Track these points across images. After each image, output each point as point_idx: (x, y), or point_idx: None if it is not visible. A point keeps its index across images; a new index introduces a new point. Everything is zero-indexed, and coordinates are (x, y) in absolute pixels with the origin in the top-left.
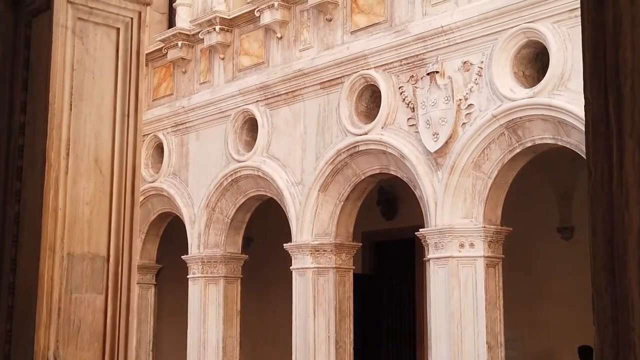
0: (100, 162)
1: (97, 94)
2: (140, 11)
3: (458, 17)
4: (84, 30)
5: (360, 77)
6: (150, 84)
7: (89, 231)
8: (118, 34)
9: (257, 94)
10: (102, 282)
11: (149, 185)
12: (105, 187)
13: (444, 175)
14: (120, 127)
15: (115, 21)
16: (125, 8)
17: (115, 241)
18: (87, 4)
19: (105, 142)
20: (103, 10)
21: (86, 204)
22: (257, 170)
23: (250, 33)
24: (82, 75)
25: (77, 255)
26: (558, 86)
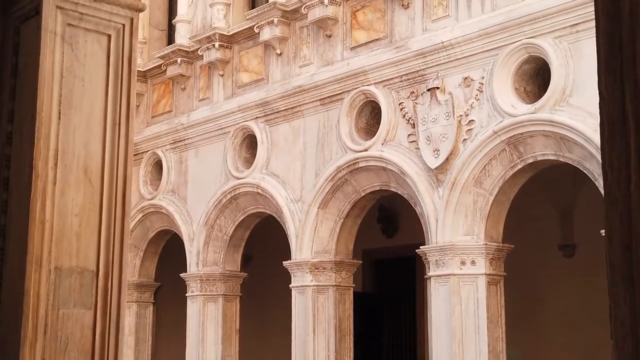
0: (90, 172)
1: (86, 102)
2: (132, 17)
3: (458, 32)
4: (74, 36)
5: (360, 93)
6: (149, 100)
7: (78, 244)
8: (109, 40)
9: (256, 111)
10: (90, 297)
11: (147, 202)
12: (94, 199)
13: (445, 192)
14: (111, 137)
15: (107, 27)
16: (117, 14)
17: (104, 255)
18: (77, 9)
19: (95, 152)
20: (94, 16)
21: (75, 215)
22: (256, 187)
23: (250, 49)
24: (72, 83)
25: (65, 269)
26: (560, 102)
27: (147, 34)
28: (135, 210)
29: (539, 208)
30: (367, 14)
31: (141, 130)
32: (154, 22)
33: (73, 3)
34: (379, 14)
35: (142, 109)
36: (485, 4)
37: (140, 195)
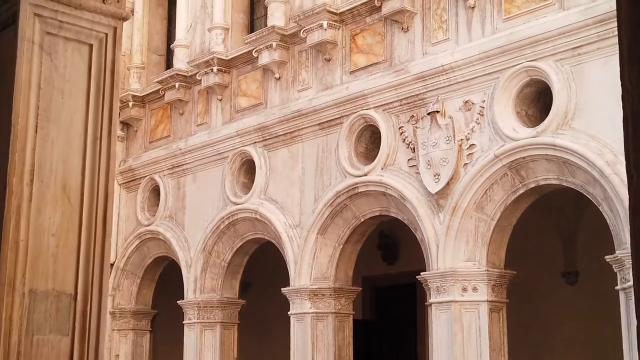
0: (69, 189)
1: (66, 115)
2: (115, 26)
3: (458, 56)
4: (53, 45)
5: (360, 118)
6: (147, 126)
7: (55, 266)
8: (91, 50)
9: (254, 135)
10: (68, 322)
11: (144, 228)
12: (73, 217)
13: (446, 217)
14: (92, 152)
15: (88, 37)
16: (99, 23)
17: (83, 277)
18: (57, 17)
19: (74, 168)
20: (74, 25)
21: (52, 235)
22: (254, 213)
23: (248, 74)
24: (50, 95)
25: (41, 293)
26: (562, 125)
27: (145, 59)
28: (132, 237)
29: (540, 234)
30: (366, 38)
31: (139, 156)
32: (153, 47)
33: (52, 11)
34: (378, 38)
35: (140, 134)
36: (486, 27)
37: (137, 221)
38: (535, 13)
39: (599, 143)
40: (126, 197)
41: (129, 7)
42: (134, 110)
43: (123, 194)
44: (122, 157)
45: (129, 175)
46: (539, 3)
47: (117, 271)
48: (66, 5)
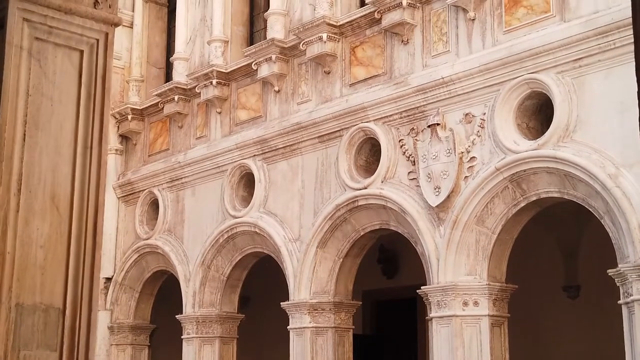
0: (58, 199)
1: (55, 122)
2: (107, 32)
3: (459, 68)
4: (43, 51)
5: (360, 130)
6: (146, 139)
7: (42, 278)
8: (81, 56)
9: (254, 148)
10: (56, 337)
11: (143, 242)
12: (62, 228)
13: (446, 231)
14: (82, 161)
15: (79, 43)
16: (90, 28)
17: (72, 291)
18: (47, 22)
19: (63, 178)
20: (65, 30)
21: (40, 247)
22: (253, 227)
23: (248, 87)
24: (39, 102)
25: (28, 307)
26: (563, 138)
27: (144, 72)
28: (130, 251)
29: (541, 248)
30: (366, 50)
31: (138, 169)
32: (152, 60)
33: (42, 15)
34: (378, 50)
35: (138, 147)
36: (486, 39)
37: (136, 235)
38: (536, 25)
39: (601, 156)
40: (125, 210)
41: (128, 20)
42: (132, 123)
43: (122, 207)
44: (121, 170)
45: (128, 189)
46: (539, 15)
47: (116, 285)
48: (56, 10)
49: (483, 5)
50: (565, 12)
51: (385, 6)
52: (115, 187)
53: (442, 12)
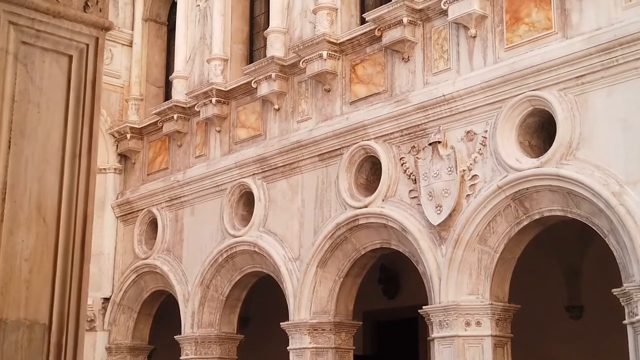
0: (44, 210)
1: (42, 130)
2: (97, 37)
3: (460, 85)
4: (29, 56)
5: (360, 148)
6: (145, 158)
7: (27, 293)
8: (70, 62)
9: (253, 167)
10: (41, 355)
11: (141, 262)
12: (49, 241)
13: (448, 250)
14: (70, 170)
15: (68, 47)
16: (80, 32)
17: (59, 306)
18: (34, 26)
19: (50, 187)
20: (53, 34)
21: (25, 260)
22: (253, 246)
23: (247, 105)
24: (25, 108)
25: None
26: (566, 156)
27: (143, 91)
28: (129, 271)
29: (543, 268)
30: (366, 68)
31: (136, 188)
32: (151, 78)
33: (29, 19)
34: (378, 68)
35: (137, 166)
36: (488, 57)
37: (134, 254)
38: (538, 42)
39: (605, 173)
40: (123, 230)
41: (128, 39)
42: (131, 142)
43: (120, 227)
44: (120, 189)
45: (127, 208)
46: (541, 32)
47: (114, 306)
48: (44, 14)
49: (484, 22)
50: (567, 29)
51: (386, 24)
52: (113, 206)
53: (442, 29)
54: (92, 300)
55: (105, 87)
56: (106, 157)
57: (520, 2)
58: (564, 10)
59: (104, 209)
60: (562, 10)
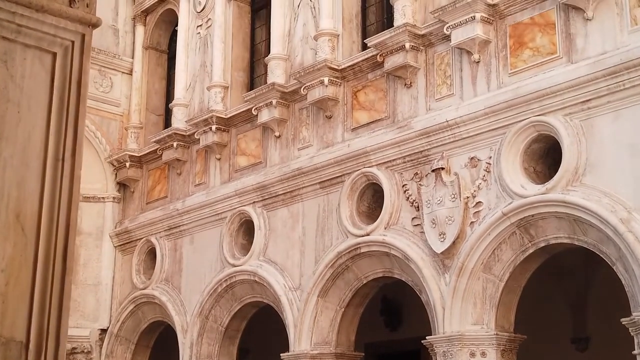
0: (23, 218)
1: (22, 131)
2: (83, 33)
3: (463, 111)
4: (10, 52)
5: (362, 176)
6: (144, 186)
7: (3, 307)
8: (54, 59)
9: (254, 195)
10: None
11: (140, 292)
12: (27, 251)
13: (452, 278)
14: (52, 175)
15: (52, 44)
16: (65, 29)
17: (37, 322)
18: (15, 20)
19: (30, 193)
20: (36, 30)
21: (1, 271)
22: (253, 275)
23: (248, 132)
24: (4, 108)
25: None
26: (572, 182)
27: (143, 119)
28: (126, 301)
29: (547, 298)
30: (368, 94)
31: (135, 217)
32: (151, 107)
33: (9, 12)
34: (380, 94)
35: (136, 195)
36: (491, 82)
37: (132, 284)
38: (542, 67)
39: (612, 200)
40: (122, 260)
41: (128, 67)
42: (130, 170)
43: (118, 256)
44: (118, 218)
45: (125, 237)
46: (545, 57)
47: (111, 337)
48: (26, 7)
49: (487, 47)
50: (572, 54)
51: (388, 49)
52: (112, 235)
53: (445, 54)
54: (89, 331)
55: (105, 115)
56: (105, 186)
57: (524, 27)
58: (569, 34)
59: (102, 238)
60: (567, 34)
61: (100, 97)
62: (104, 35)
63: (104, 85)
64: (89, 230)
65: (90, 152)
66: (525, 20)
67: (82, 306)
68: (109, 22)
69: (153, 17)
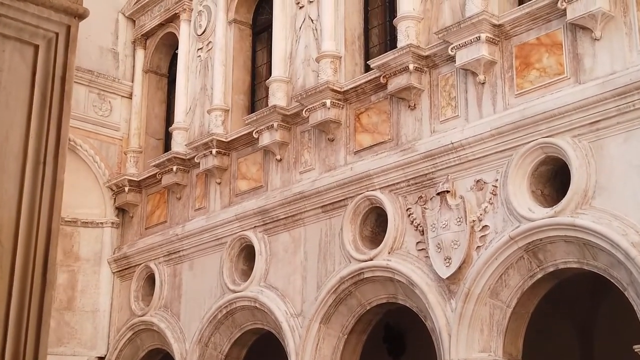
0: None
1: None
2: (69, 25)
3: (469, 133)
4: None
5: (365, 199)
6: (143, 211)
7: None
8: (36, 52)
9: (254, 219)
10: None
11: (138, 319)
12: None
13: (458, 304)
14: (32, 179)
15: (33, 36)
16: (48, 19)
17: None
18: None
19: (8, 199)
20: (16, 20)
21: None
22: (254, 301)
23: (249, 156)
24: None
25: None
26: (582, 205)
27: (142, 143)
28: (124, 328)
29: (553, 324)
30: (371, 117)
31: (134, 243)
32: (150, 131)
33: None
34: (384, 116)
35: (135, 220)
36: (497, 103)
37: (131, 311)
38: (550, 88)
39: (623, 223)
40: (120, 286)
41: (128, 91)
42: (129, 195)
43: (117, 283)
44: (117, 244)
45: (124, 263)
46: (553, 77)
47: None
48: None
49: (493, 68)
50: (580, 74)
51: (391, 71)
52: (110, 261)
53: (450, 76)
54: (86, 359)
55: (104, 139)
56: (103, 211)
57: (531, 48)
58: (577, 55)
59: (101, 264)
60: (575, 55)
61: (100, 121)
62: (103, 58)
63: (103, 109)
64: (87, 256)
65: (88, 177)
66: (532, 40)
67: (79, 333)
68: (109, 46)
69: (153, 41)
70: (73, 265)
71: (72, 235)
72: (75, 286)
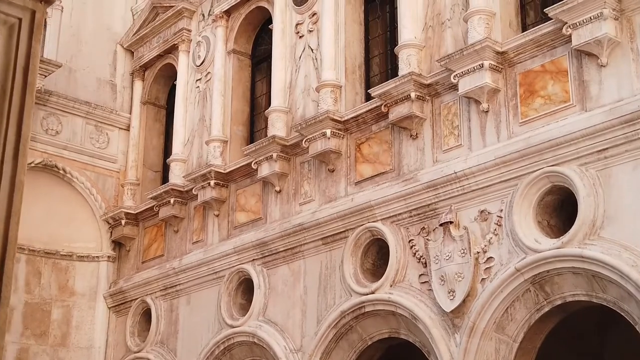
0: None
1: None
2: (34, 10)
3: (472, 162)
4: None
5: (366, 231)
6: (140, 245)
7: None
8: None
9: (253, 252)
10: None
11: (133, 355)
12: None
13: (463, 339)
14: None
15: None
16: (10, 3)
17: None
18: None
19: None
20: None
21: None
22: (252, 337)
23: (247, 187)
24: None
25: None
26: (590, 235)
27: (140, 175)
28: None
29: (561, 358)
30: (372, 147)
31: (130, 277)
32: (148, 163)
33: None
34: (385, 146)
35: (132, 254)
36: (501, 132)
37: (126, 348)
38: (555, 115)
39: (633, 254)
40: (115, 321)
41: (125, 123)
42: (126, 228)
43: (112, 318)
44: (113, 278)
45: (120, 298)
46: (558, 105)
47: None
48: None
49: (496, 96)
50: (586, 101)
51: (392, 99)
52: (106, 296)
53: (452, 104)
54: None
55: (101, 171)
56: (99, 245)
57: (535, 75)
58: (582, 82)
59: (96, 299)
60: (580, 82)
61: (97, 153)
62: (101, 90)
63: (100, 141)
64: (82, 291)
65: (85, 210)
66: (536, 67)
67: None
68: (107, 77)
69: (152, 72)
70: (68, 300)
71: (67, 269)
72: (70, 322)
